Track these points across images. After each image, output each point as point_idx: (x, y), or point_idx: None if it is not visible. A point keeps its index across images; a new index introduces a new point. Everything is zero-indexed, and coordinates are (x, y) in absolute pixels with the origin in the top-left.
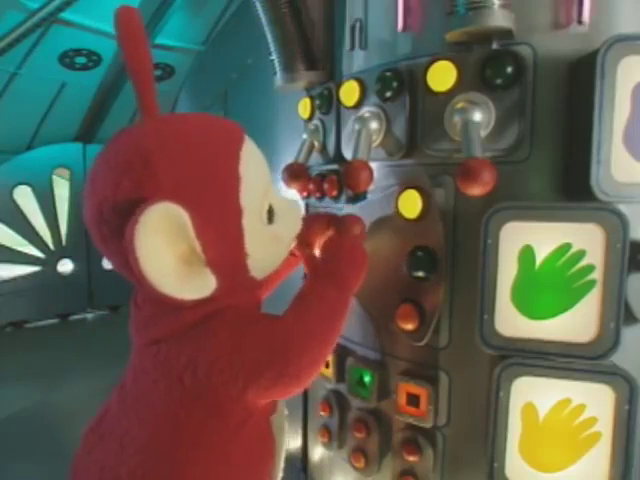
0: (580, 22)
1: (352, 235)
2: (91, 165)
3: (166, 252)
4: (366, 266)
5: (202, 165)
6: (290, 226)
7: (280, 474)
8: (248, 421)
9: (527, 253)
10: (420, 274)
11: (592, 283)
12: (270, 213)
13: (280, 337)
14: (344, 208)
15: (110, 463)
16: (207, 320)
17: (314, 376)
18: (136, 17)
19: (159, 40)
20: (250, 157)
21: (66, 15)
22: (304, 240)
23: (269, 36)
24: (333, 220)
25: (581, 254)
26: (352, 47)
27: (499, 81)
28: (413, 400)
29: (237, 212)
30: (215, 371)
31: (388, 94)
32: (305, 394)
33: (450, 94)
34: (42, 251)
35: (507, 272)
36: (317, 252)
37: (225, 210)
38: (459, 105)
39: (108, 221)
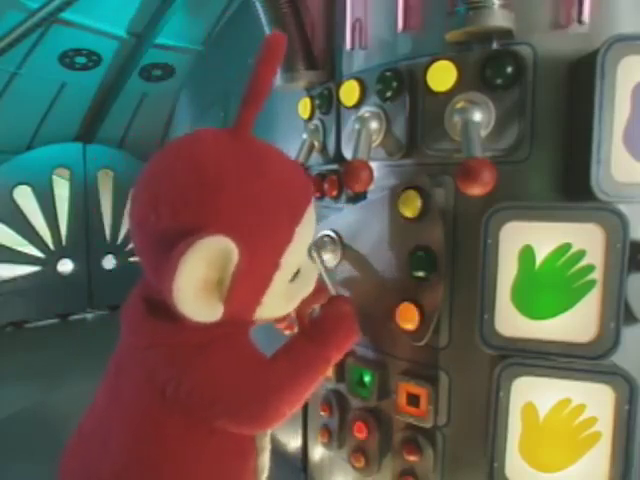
0: (580, 22)
1: (342, 308)
2: (152, 161)
3: (200, 276)
4: (352, 337)
5: (266, 212)
6: (305, 288)
7: None
8: (224, 435)
9: (527, 253)
10: (420, 274)
11: (592, 283)
12: (296, 273)
13: (263, 384)
14: (344, 208)
15: (94, 464)
16: (202, 342)
17: (279, 423)
18: (283, 46)
19: (159, 40)
20: (308, 220)
21: (66, 15)
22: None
23: None
24: (324, 297)
25: (581, 254)
26: (352, 47)
27: (499, 81)
28: (413, 400)
29: (275, 267)
30: (196, 394)
31: (388, 94)
32: None
33: (450, 94)
34: (42, 251)
35: (507, 272)
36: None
37: (267, 262)
38: (459, 105)
39: (159, 224)
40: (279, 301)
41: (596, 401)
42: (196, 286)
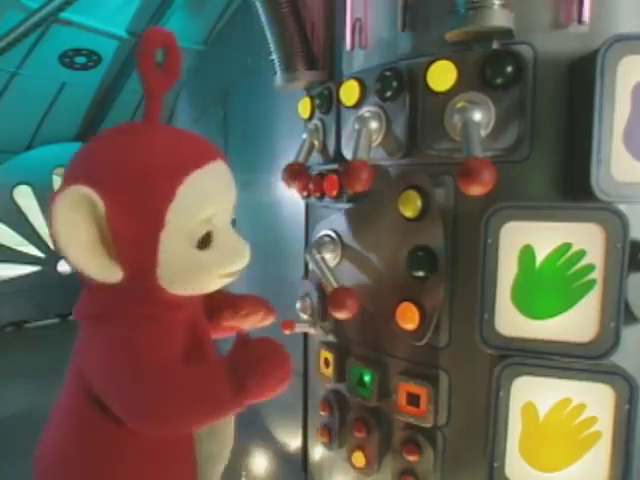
0: (580, 22)
1: (268, 341)
2: None
3: (80, 230)
4: (277, 376)
5: (139, 171)
6: (224, 261)
7: None
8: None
9: (527, 253)
10: (420, 274)
11: (592, 283)
12: (206, 240)
13: (146, 390)
14: (344, 208)
15: (39, 448)
16: (110, 317)
17: (168, 430)
18: (149, 38)
19: None
20: (202, 183)
21: (66, 15)
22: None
23: (269, 36)
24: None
25: (581, 254)
26: (352, 47)
27: (499, 81)
28: (413, 400)
29: (159, 224)
30: (89, 372)
31: (388, 94)
32: (305, 394)
33: (450, 94)
34: (42, 251)
35: (507, 272)
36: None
37: (146, 218)
38: (459, 105)
39: None
40: (183, 265)
41: (596, 401)
42: (80, 241)
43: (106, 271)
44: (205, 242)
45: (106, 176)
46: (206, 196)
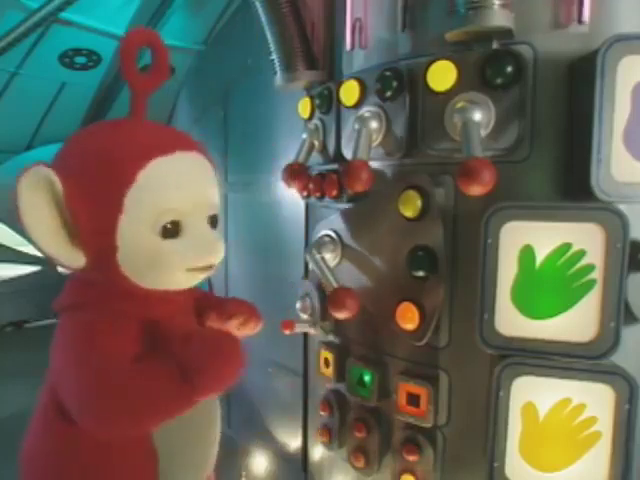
0: (580, 22)
1: (223, 333)
2: None
3: (43, 211)
4: (227, 367)
5: (99, 157)
6: (185, 254)
7: None
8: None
9: (527, 253)
10: (420, 274)
11: (592, 283)
12: (172, 230)
13: (86, 390)
14: (344, 208)
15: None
16: (77, 309)
17: (115, 431)
18: (129, 41)
19: None
20: (167, 170)
21: (66, 15)
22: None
23: (269, 36)
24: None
25: (581, 254)
26: (352, 47)
27: (499, 81)
28: (413, 400)
29: (118, 208)
30: (50, 370)
31: (388, 94)
32: (305, 394)
33: (450, 94)
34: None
35: (507, 272)
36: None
37: (105, 202)
38: (459, 105)
39: None
40: (145, 255)
41: (596, 401)
42: (42, 222)
43: (69, 255)
44: (172, 232)
45: (70, 159)
46: (171, 184)
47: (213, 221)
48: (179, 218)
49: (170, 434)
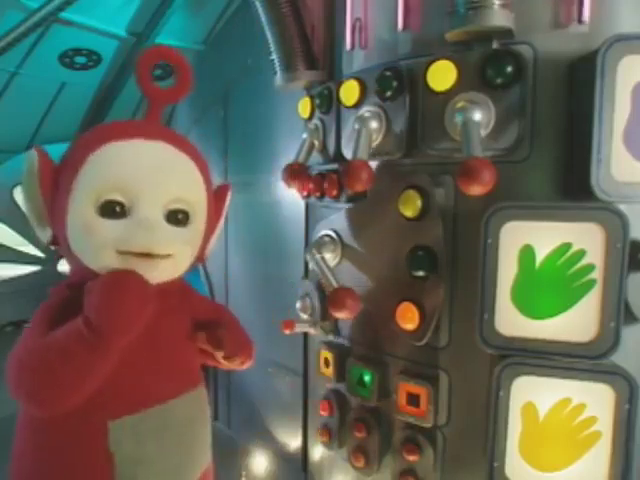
0: (580, 22)
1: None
2: None
3: (32, 187)
4: (127, 299)
5: (70, 146)
6: (119, 234)
7: None
8: (65, 424)
9: (527, 253)
10: (420, 273)
11: (592, 283)
12: (112, 210)
13: (15, 358)
14: (344, 208)
15: None
16: (52, 292)
17: (45, 404)
18: (142, 57)
19: (159, 39)
20: (118, 152)
21: (66, 15)
22: None
23: (269, 36)
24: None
25: (581, 254)
26: (352, 47)
27: (499, 80)
28: (413, 400)
29: (69, 187)
30: None
31: (388, 93)
32: (305, 394)
33: (450, 94)
34: (42, 251)
35: (507, 272)
36: None
37: (65, 183)
38: (459, 105)
39: None
40: (82, 229)
41: (596, 401)
42: (30, 196)
43: (41, 230)
44: (112, 212)
45: (66, 152)
46: (117, 164)
47: (173, 216)
48: (124, 200)
49: (135, 440)
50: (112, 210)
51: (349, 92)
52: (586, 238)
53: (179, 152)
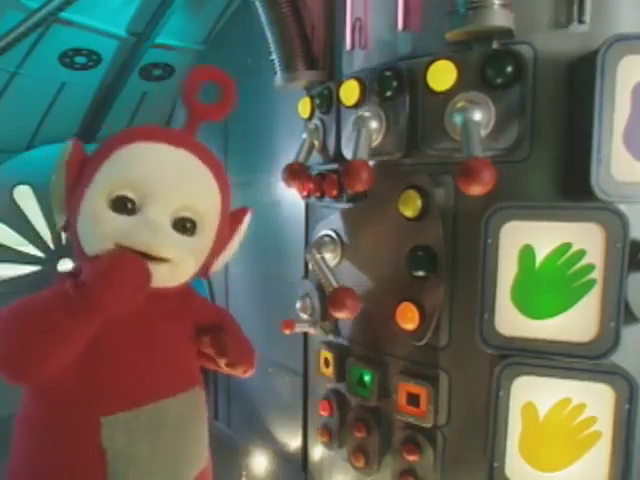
0: (580, 21)
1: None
2: None
3: (61, 173)
4: (122, 275)
5: (105, 142)
6: (120, 228)
7: None
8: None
9: (527, 253)
10: (420, 273)
11: (592, 283)
12: (123, 206)
13: None
14: (344, 208)
15: None
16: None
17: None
18: (190, 79)
19: (159, 39)
20: (140, 153)
21: (66, 15)
22: None
23: (269, 36)
24: None
25: (581, 254)
26: (352, 47)
27: (499, 80)
28: (413, 400)
29: (89, 179)
30: None
31: (388, 93)
32: (305, 394)
33: (450, 94)
34: (42, 251)
35: (507, 272)
36: None
37: (87, 174)
38: (459, 104)
39: None
40: (90, 220)
41: (596, 401)
42: (57, 182)
43: (58, 213)
44: (122, 208)
45: (97, 147)
46: (137, 163)
47: (180, 223)
48: (135, 198)
49: (128, 437)
50: (122, 205)
51: (349, 92)
52: (586, 238)
53: (199, 162)
